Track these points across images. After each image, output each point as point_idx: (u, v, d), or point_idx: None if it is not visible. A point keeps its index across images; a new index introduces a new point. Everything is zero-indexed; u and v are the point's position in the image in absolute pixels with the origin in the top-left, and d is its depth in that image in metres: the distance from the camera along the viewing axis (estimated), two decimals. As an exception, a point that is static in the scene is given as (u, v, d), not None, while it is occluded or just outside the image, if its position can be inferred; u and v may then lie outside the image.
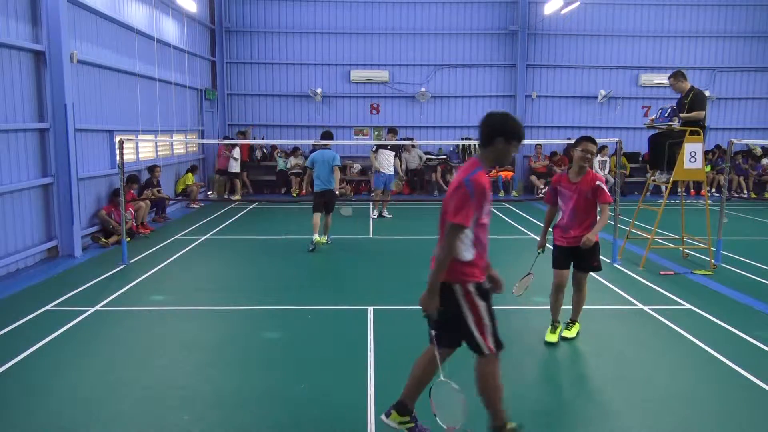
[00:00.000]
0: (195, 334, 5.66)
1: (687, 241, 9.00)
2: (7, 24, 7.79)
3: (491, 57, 17.69)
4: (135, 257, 8.64)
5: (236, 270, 8.45)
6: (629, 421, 4.01)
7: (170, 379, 4.62)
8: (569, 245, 5.22)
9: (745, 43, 17.79)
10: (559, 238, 5.32)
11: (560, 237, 5.31)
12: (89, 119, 9.89)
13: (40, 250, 8.48)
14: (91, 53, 9.94)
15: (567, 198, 5.23)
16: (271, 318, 6.15)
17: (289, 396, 4.33)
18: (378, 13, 17.45)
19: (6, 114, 7.80)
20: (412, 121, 17.82)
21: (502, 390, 3.50)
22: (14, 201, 7.98)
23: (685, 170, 8.00)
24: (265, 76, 17.71)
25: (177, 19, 14.05)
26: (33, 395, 4.31)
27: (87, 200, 9.78)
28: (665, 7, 17.54)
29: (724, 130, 17.98)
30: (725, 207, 8.69)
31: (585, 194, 5.12)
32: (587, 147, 5.10)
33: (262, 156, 17.63)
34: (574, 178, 5.19)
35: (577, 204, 5.15)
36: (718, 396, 4.40)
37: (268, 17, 17.45)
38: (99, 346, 5.34)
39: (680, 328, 5.70)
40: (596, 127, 17.84)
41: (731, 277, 7.80)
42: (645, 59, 17.76)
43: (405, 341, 5.29)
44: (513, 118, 3.43)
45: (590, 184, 5.13)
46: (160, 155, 13.23)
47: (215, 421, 3.97)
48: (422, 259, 5.00)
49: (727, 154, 9.00)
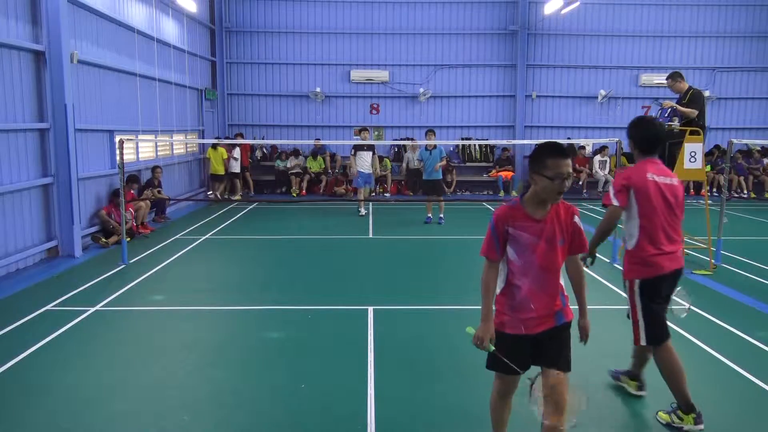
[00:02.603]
0: (195, 334, 5.66)
1: (687, 241, 9.00)
2: (7, 24, 7.79)
3: (491, 57, 17.69)
4: (135, 257, 8.64)
5: (236, 270, 8.45)
6: (629, 420, 4.01)
7: (170, 379, 4.62)
8: (530, 332, 3.09)
9: (745, 43, 17.79)
10: (514, 320, 3.11)
11: (515, 319, 3.11)
12: (89, 119, 9.89)
13: (40, 250, 8.48)
14: (91, 53, 9.94)
15: (525, 247, 3.05)
16: (271, 318, 6.15)
17: (289, 396, 4.33)
18: (378, 13, 17.45)
19: (6, 114, 7.80)
20: (412, 121, 17.82)
21: None
22: (14, 201, 7.98)
23: (685, 170, 8.00)
24: (265, 76, 17.71)
25: (177, 19, 14.05)
26: (33, 395, 4.31)
27: (87, 200, 9.78)
28: (665, 7, 17.54)
29: (724, 130, 17.98)
30: (725, 207, 8.69)
31: (557, 238, 3.05)
32: (563, 167, 2.92)
33: (262, 156, 17.64)
34: (537, 213, 3.04)
35: (544, 257, 3.04)
36: (718, 396, 4.40)
37: (268, 17, 17.45)
38: (99, 346, 5.34)
39: (680, 328, 5.70)
40: (596, 127, 17.86)
41: (731, 277, 7.80)
42: (645, 59, 17.76)
43: (405, 341, 5.29)
44: None
45: (566, 219, 3.07)
46: (160, 155, 13.23)
47: (215, 421, 3.97)
48: (422, 259, 5.00)
49: (727, 154, 9.00)
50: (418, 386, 4.50)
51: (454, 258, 8.97)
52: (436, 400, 4.29)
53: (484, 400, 4.31)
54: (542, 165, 2.93)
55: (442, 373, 4.74)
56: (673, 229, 3.92)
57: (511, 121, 17.89)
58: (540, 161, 2.95)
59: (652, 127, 4.08)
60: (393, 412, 4.09)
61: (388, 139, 17.63)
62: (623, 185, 3.89)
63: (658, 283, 3.90)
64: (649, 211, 3.84)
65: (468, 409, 4.15)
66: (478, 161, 17.87)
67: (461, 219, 12.59)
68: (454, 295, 6.96)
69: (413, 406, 4.19)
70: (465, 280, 7.52)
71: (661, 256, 3.85)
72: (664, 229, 3.87)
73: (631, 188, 3.87)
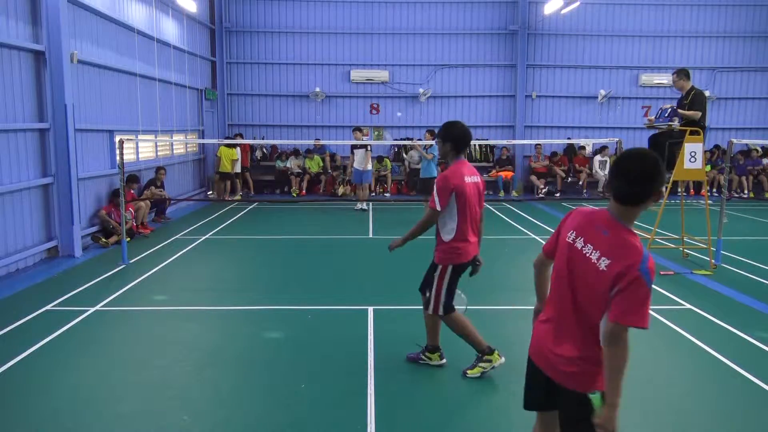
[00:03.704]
0: (195, 334, 5.66)
1: (687, 241, 9.00)
2: (7, 24, 7.79)
3: (491, 57, 17.69)
4: (135, 257, 8.64)
5: (236, 270, 8.45)
6: (629, 421, 4.01)
7: (170, 379, 4.62)
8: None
9: (745, 43, 17.79)
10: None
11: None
12: (89, 119, 9.89)
13: (40, 250, 8.48)
14: (91, 53, 9.94)
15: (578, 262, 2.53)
16: (271, 318, 6.15)
17: (289, 396, 4.33)
18: (378, 13, 17.45)
19: (6, 114, 7.80)
20: (412, 121, 17.82)
21: None
22: (14, 201, 7.98)
23: (685, 170, 8.00)
24: (265, 76, 17.70)
25: (177, 19, 14.05)
26: (33, 395, 4.31)
27: (87, 200, 9.78)
28: (665, 7, 17.54)
29: (724, 130, 17.98)
30: (725, 207, 8.69)
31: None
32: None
33: (262, 156, 17.64)
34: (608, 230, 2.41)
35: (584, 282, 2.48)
36: (718, 396, 4.40)
37: (268, 17, 17.45)
38: (99, 346, 5.33)
39: (680, 328, 5.70)
40: (596, 127, 17.86)
41: (731, 277, 7.80)
42: (645, 59, 17.76)
43: (405, 341, 5.29)
44: None
45: (622, 262, 2.30)
46: (160, 155, 13.23)
47: (215, 421, 3.97)
48: (422, 259, 5.01)
49: (726, 154, 9.00)
50: (418, 386, 4.50)
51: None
52: (436, 400, 4.30)
53: (484, 400, 4.32)
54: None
55: (442, 373, 4.75)
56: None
57: (511, 121, 17.89)
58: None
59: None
60: (393, 412, 4.09)
61: (388, 139, 17.63)
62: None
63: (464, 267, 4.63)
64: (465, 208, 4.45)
65: (468, 409, 4.15)
66: (478, 161, 17.85)
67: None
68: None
69: (413, 406, 4.19)
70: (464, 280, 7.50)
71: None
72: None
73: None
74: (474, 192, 4.48)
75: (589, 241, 2.44)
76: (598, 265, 2.36)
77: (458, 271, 4.58)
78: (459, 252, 4.48)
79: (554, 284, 2.61)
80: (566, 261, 2.51)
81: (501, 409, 4.20)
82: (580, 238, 2.48)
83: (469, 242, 4.49)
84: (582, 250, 2.45)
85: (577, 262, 2.47)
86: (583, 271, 2.43)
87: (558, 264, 2.59)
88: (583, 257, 2.44)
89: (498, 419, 4.06)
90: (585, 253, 2.44)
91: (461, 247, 4.47)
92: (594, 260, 2.38)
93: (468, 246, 4.49)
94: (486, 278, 7.87)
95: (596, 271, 2.36)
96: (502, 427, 3.97)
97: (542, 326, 2.66)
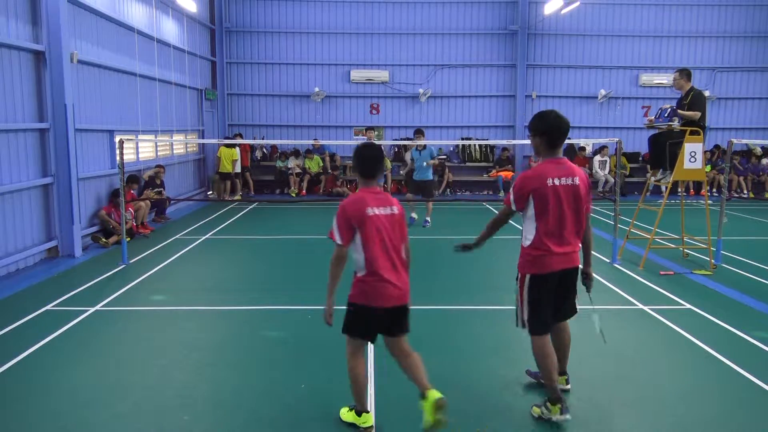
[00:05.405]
0: (195, 334, 5.66)
1: (687, 241, 9.00)
2: (7, 24, 7.79)
3: (491, 57, 17.69)
4: (135, 257, 8.64)
5: (236, 270, 8.45)
6: (629, 421, 4.01)
7: (170, 379, 4.62)
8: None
9: (745, 43, 17.79)
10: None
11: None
12: (89, 119, 9.89)
13: (40, 250, 8.48)
14: (91, 53, 9.94)
15: None
16: (271, 318, 6.15)
17: (289, 396, 4.33)
18: (378, 13, 17.45)
19: (6, 114, 7.80)
20: (412, 121, 17.81)
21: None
22: (14, 201, 7.98)
23: (685, 170, 8.00)
24: (265, 76, 17.71)
25: (177, 19, 14.05)
26: (33, 395, 4.31)
27: (87, 200, 9.79)
28: (665, 7, 17.54)
29: (724, 130, 17.98)
30: (725, 207, 8.69)
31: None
32: None
33: (262, 156, 17.64)
34: None
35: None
36: (718, 396, 4.40)
37: (268, 17, 17.45)
38: (99, 346, 5.33)
39: (680, 328, 5.70)
40: (596, 127, 17.86)
41: (731, 277, 7.80)
42: (645, 59, 17.77)
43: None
44: None
45: None
46: (160, 155, 13.23)
47: (215, 421, 3.97)
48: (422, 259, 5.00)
49: (726, 154, 9.00)
50: (418, 386, 4.49)
51: (454, 258, 8.94)
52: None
53: (484, 400, 4.32)
54: None
55: (441, 372, 4.74)
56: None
57: (511, 121, 17.89)
58: None
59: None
60: (393, 412, 4.09)
61: (388, 139, 17.63)
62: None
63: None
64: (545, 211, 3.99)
65: (468, 409, 4.15)
66: (478, 161, 17.87)
67: (461, 219, 12.59)
68: (455, 295, 6.96)
69: (413, 406, 4.19)
70: (464, 280, 7.54)
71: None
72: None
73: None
74: (566, 196, 3.89)
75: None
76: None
77: (539, 284, 3.99)
78: (535, 261, 3.97)
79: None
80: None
81: (502, 409, 4.19)
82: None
83: (552, 252, 3.91)
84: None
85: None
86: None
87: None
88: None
89: (499, 419, 4.05)
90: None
91: (539, 256, 3.95)
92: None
93: (550, 257, 3.92)
94: (486, 278, 7.89)
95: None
96: (504, 426, 3.96)
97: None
